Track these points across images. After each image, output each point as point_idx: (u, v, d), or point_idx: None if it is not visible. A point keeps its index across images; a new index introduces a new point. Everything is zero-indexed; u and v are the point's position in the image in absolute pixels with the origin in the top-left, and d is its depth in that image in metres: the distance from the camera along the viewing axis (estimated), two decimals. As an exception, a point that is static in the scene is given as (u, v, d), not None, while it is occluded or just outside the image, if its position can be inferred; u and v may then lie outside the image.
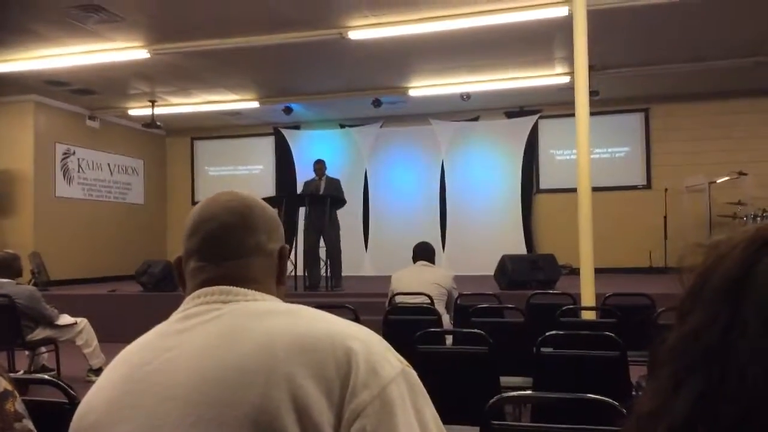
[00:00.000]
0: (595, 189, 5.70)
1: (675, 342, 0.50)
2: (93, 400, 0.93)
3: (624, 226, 9.91)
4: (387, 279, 4.86)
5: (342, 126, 11.64)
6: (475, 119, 11.08)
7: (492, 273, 7.76)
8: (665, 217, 9.60)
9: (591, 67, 5.86)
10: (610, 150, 10.57)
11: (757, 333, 0.44)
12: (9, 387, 0.95)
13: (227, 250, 0.99)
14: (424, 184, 11.16)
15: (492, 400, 1.64)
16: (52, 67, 7.93)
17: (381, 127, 11.39)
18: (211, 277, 0.97)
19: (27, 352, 5.07)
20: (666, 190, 9.81)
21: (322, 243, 7.88)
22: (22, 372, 4.83)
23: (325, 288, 7.82)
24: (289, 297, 1.04)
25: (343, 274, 8.18)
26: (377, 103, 9.92)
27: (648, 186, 10.38)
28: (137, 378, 0.89)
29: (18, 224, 9.49)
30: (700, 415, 0.45)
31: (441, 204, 11.03)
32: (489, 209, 10.69)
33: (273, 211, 1.08)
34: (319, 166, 8.10)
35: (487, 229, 10.49)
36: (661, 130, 10.33)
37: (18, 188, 9.54)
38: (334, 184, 8.08)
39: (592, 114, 5.77)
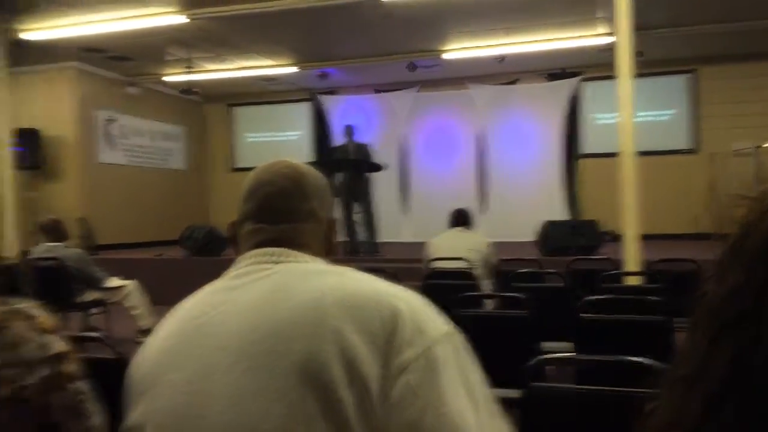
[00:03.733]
0: (638, 153, 5.56)
1: (712, 301, 0.48)
2: (147, 351, 0.98)
3: (668, 191, 9.68)
4: (425, 245, 4.85)
5: (377, 91, 11.54)
6: (514, 82, 10.87)
7: (533, 239, 7.69)
8: (712, 182, 9.34)
9: (635, 27, 5.67)
10: (654, 113, 10.28)
11: None
12: (65, 348, 0.97)
13: (282, 214, 1.04)
14: (462, 149, 11.04)
15: (532, 361, 1.65)
16: (89, 33, 7.97)
17: (417, 91, 11.26)
18: (265, 239, 1.02)
19: (79, 314, 5.23)
20: (712, 154, 9.53)
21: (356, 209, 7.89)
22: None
23: (363, 254, 7.85)
24: (332, 261, 1.06)
25: (380, 240, 8.21)
26: (412, 67, 9.77)
27: (694, 150, 10.10)
28: (190, 330, 0.94)
29: (65, 190, 9.72)
30: (734, 379, 0.44)
31: (479, 169, 10.91)
32: (529, 174, 10.53)
33: (324, 180, 1.12)
34: (348, 130, 8.06)
35: (528, 194, 10.36)
36: (707, 92, 9.99)
37: (63, 154, 9.75)
38: (363, 149, 8.04)
39: (635, 76, 5.60)
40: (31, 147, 9.24)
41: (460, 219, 4.83)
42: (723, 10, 7.67)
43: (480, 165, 10.94)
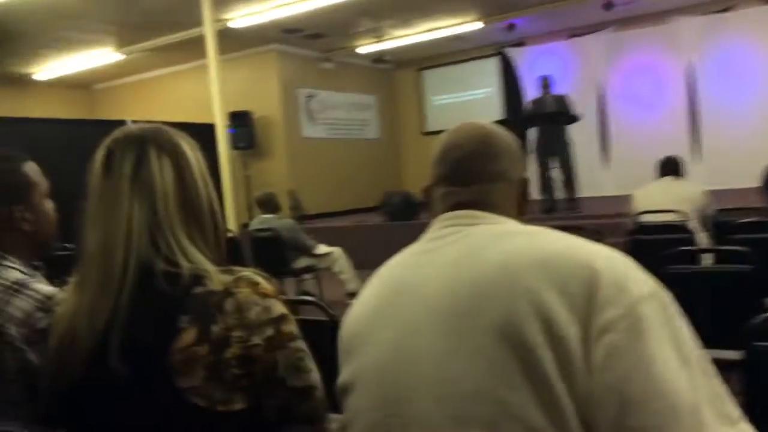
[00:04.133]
0: None
1: None
2: (356, 312, 1.03)
3: None
4: (630, 198, 4.55)
5: (571, 36, 10.91)
6: (727, 10, 9.64)
7: (756, 185, 6.86)
8: None
9: None
10: None
11: None
12: (285, 310, 1.06)
13: (473, 176, 1.05)
14: (669, 90, 10.10)
15: (756, 320, 1.50)
16: (287, 15, 8.46)
17: (614, 31, 10.46)
18: (459, 201, 1.04)
19: (293, 279, 5.69)
20: None
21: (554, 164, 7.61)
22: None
23: (562, 210, 7.59)
24: (525, 221, 1.06)
25: (581, 195, 7.88)
26: (609, 5, 9.06)
27: None
28: (393, 291, 0.98)
29: (274, 165, 10.59)
30: None
31: (690, 112, 9.93)
32: (748, 114, 9.34)
33: (515, 141, 1.12)
34: (544, 82, 7.74)
35: (748, 136, 9.21)
36: None
37: (272, 132, 10.60)
38: (561, 101, 7.68)
39: None
40: (243, 128, 10.15)
41: (670, 167, 4.48)
42: None
43: (690, 107, 9.95)
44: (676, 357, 0.79)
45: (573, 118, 7.56)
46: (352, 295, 5.59)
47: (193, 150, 1.14)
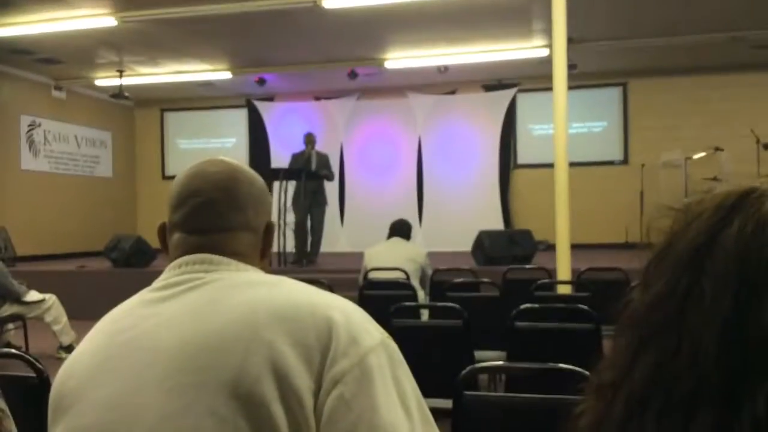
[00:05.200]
0: (572, 164, 5.66)
1: (636, 310, 0.50)
2: (73, 366, 0.93)
3: (601, 202, 9.96)
4: (362, 256, 4.82)
5: (317, 98, 11.47)
6: (453, 92, 10.99)
7: (469, 249, 7.75)
8: (642, 193, 9.65)
9: (569, 40, 5.80)
10: (587, 125, 10.58)
11: (713, 304, 0.44)
12: None
13: (212, 225, 0.98)
14: (401, 158, 11.08)
15: (464, 371, 1.64)
16: (16, 35, 7.66)
17: (357, 99, 11.25)
18: (194, 248, 0.97)
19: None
20: (643, 165, 9.85)
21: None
22: (-14, 349, 4.72)
23: (300, 264, 7.75)
24: (268, 271, 1.03)
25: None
26: (353, 74, 9.77)
27: (625, 161, 10.43)
28: (118, 344, 0.90)
29: (-17, 198, 9.25)
30: (655, 387, 0.46)
31: (418, 179, 10.97)
32: (466, 184, 10.65)
33: (262, 184, 1.06)
34: (311, 138, 7.96)
35: (465, 204, 10.46)
36: (638, 105, 10.35)
37: (-18, 161, 9.28)
38: (325, 159, 7.99)
39: (570, 88, 5.71)
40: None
41: (399, 229, 4.83)
42: (653, 26, 7.95)
43: (418, 175, 10.99)
44: (400, 406, 0.81)
45: (327, 176, 7.90)
46: (67, 348, 5.03)
47: None
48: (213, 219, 0.98)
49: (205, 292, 0.90)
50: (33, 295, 5.08)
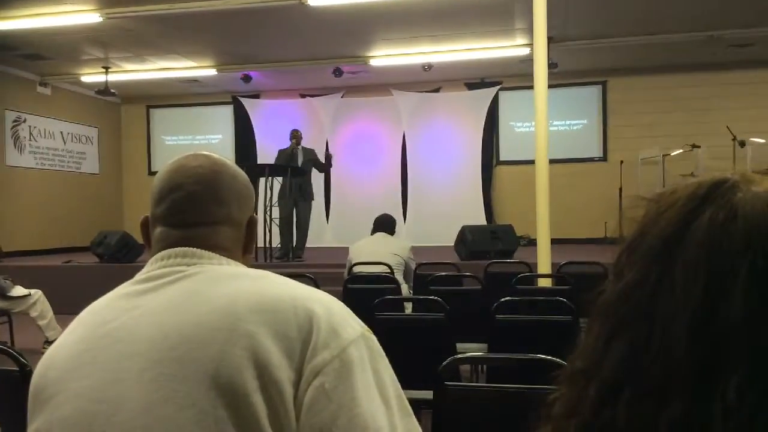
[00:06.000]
0: (552, 161, 5.78)
1: (608, 299, 0.50)
2: (53, 357, 0.93)
3: (581, 198, 10.09)
4: (348, 250, 4.89)
5: (303, 96, 11.50)
6: (437, 90, 11.08)
7: (452, 243, 7.84)
8: (620, 189, 9.81)
9: (550, 39, 5.91)
10: (568, 122, 10.71)
11: (684, 293, 0.44)
12: None
13: (194, 219, 0.98)
14: (386, 155, 11.14)
15: (445, 362, 1.68)
16: (1, 30, 7.60)
17: (342, 97, 11.30)
18: (176, 241, 0.97)
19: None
20: (621, 162, 10.00)
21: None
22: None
23: (285, 258, 7.81)
24: (253, 266, 1.03)
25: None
26: (338, 72, 9.81)
27: (604, 158, 10.57)
28: (98, 335, 0.89)
29: (-33, 195, 9.19)
30: (627, 375, 0.46)
31: (402, 175, 11.04)
32: (450, 180, 10.74)
33: (244, 178, 1.06)
34: (296, 134, 8.00)
35: (448, 200, 10.56)
36: (617, 102, 10.49)
37: (-34, 157, 9.22)
38: (311, 154, 8.05)
39: (550, 86, 5.82)
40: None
41: (384, 225, 4.89)
42: (633, 25, 8.08)
43: (402, 171, 11.07)
44: (379, 397, 0.83)
45: (327, 166, 8.01)
46: (52, 343, 5.04)
47: None
48: (194, 213, 0.98)
49: (186, 285, 0.91)
50: (18, 290, 5.07)
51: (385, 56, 9.31)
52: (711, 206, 0.47)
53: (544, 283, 4.96)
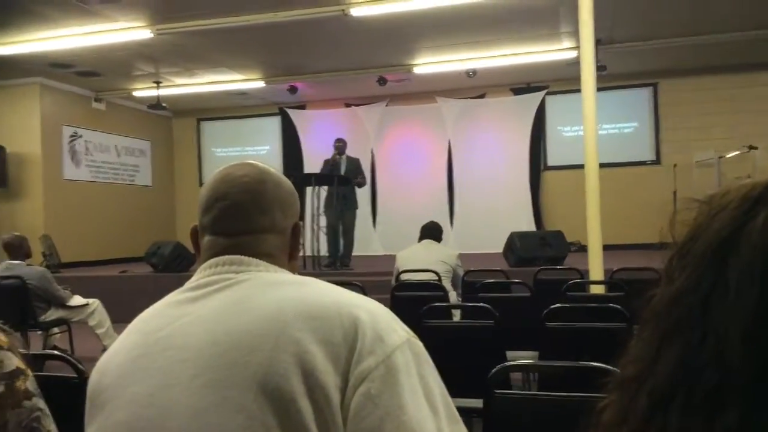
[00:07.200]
0: (602, 165, 5.66)
1: (659, 303, 0.49)
2: (107, 364, 0.95)
3: (633, 202, 9.85)
4: (395, 258, 4.87)
5: (347, 105, 11.58)
6: (482, 96, 11.00)
7: (501, 251, 7.76)
8: (675, 193, 9.53)
9: (597, 42, 5.80)
10: (618, 126, 10.49)
11: (738, 297, 0.43)
12: (21, 365, 0.96)
13: (240, 228, 1.00)
14: (431, 162, 11.11)
15: (494, 370, 1.65)
16: (56, 48, 7.91)
17: (386, 105, 11.33)
18: (223, 249, 0.99)
19: (40, 333, 5.13)
20: (675, 165, 9.73)
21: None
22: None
23: (333, 267, 7.85)
24: (300, 273, 1.05)
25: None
26: (382, 81, 9.85)
27: (657, 161, 10.31)
28: (150, 343, 0.92)
29: (28, 207, 9.54)
30: (680, 380, 0.45)
31: (448, 182, 10.99)
32: (497, 187, 10.64)
33: (289, 186, 1.08)
34: (340, 144, 8.06)
35: (496, 206, 10.46)
36: (669, 104, 10.23)
37: (27, 171, 9.58)
38: (355, 164, 8.09)
39: (599, 89, 5.71)
40: (-5, 164, 9.06)
41: (431, 232, 4.87)
42: (682, 26, 7.88)
43: (448, 177, 11.02)
44: (426, 404, 0.83)
45: (362, 182, 8.02)
46: (110, 350, 5.18)
47: None
48: (240, 222, 1.00)
49: (234, 292, 0.92)
50: (77, 300, 5.22)
51: (428, 63, 9.30)
52: (766, 208, 0.45)
53: (597, 290, 4.85)
